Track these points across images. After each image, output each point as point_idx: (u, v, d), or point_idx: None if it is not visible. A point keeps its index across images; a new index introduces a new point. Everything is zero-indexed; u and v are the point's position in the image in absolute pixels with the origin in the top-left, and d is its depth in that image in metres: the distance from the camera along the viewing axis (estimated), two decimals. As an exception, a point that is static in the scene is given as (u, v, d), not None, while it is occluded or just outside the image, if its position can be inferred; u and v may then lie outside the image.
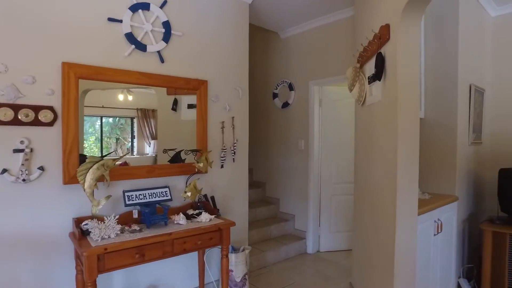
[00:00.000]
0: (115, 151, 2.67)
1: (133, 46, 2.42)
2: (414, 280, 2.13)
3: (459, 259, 3.05)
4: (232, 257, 2.81)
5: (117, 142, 2.68)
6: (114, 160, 2.14)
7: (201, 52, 2.85)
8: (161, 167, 2.60)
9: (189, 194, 2.51)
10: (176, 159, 2.71)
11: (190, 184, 2.56)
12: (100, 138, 2.54)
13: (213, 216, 2.47)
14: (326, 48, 3.93)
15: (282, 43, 4.49)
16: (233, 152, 3.09)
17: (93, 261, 1.80)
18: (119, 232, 2.04)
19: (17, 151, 1.95)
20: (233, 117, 3.09)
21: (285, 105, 4.40)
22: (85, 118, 2.33)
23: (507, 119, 3.45)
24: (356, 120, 3.06)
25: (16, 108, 1.94)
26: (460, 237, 3.04)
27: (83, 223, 2.04)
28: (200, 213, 2.49)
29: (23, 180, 1.96)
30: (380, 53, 2.21)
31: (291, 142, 4.36)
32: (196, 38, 2.82)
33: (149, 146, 2.79)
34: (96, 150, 2.52)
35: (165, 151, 2.70)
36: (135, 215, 2.35)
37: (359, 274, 2.87)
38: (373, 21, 2.49)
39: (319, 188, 4.13)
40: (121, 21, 2.36)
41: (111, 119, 2.61)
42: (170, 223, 2.34)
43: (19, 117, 1.95)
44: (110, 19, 2.32)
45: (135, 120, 2.71)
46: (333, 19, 3.83)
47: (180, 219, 2.34)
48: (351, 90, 2.75)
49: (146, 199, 2.34)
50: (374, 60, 2.28)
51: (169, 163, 2.67)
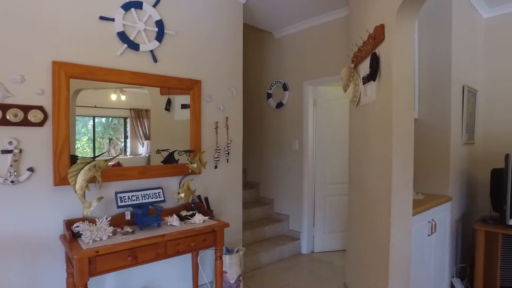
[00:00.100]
0: (108, 151, 2.63)
1: (125, 45, 2.38)
2: (408, 280, 2.13)
3: (452, 259, 3.06)
4: (226, 258, 2.79)
5: (110, 142, 2.65)
6: (106, 161, 2.11)
7: (194, 51, 2.82)
8: (154, 168, 2.57)
9: (182, 195, 2.49)
10: (170, 159, 2.69)
11: (183, 185, 2.54)
12: (92, 138, 2.51)
13: (206, 217, 2.45)
14: (320, 48, 3.93)
15: (276, 43, 4.48)
16: (227, 152, 3.07)
17: (84, 264, 1.77)
18: (111, 234, 2.01)
19: (5, 151, 1.91)
20: (227, 117, 3.07)
21: (279, 105, 4.39)
22: (77, 118, 2.29)
23: (499, 120, 3.48)
24: (351, 121, 3.06)
25: (4, 107, 1.90)
26: (453, 237, 3.05)
27: (74, 225, 2.00)
28: (193, 215, 2.47)
29: (12, 182, 1.92)
30: (375, 53, 2.21)
31: (285, 142, 4.35)
32: (190, 38, 2.79)
33: (143, 147, 2.76)
34: (89, 150, 2.48)
35: (158, 151, 2.67)
36: (128, 217, 2.32)
37: (353, 274, 2.87)
38: (368, 21, 2.48)
39: (313, 189, 4.13)
40: (113, 19, 2.33)
41: (104, 119, 2.58)
42: (163, 224, 2.32)
43: (7, 117, 1.91)
44: (102, 18, 2.28)
45: (128, 120, 2.68)
46: (327, 19, 3.83)
47: (174, 220, 2.32)
48: (345, 91, 2.74)
49: (139, 200, 2.31)
50: (369, 61, 2.27)
51: (162, 163, 2.64)
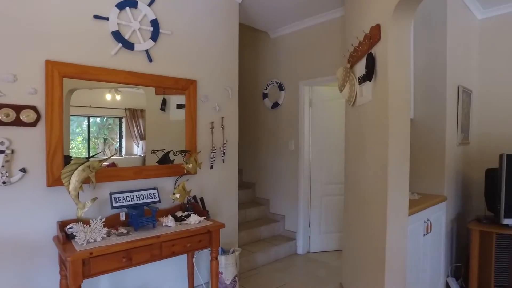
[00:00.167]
0: (103, 151, 2.60)
1: (120, 45, 2.36)
2: (404, 280, 2.13)
3: (447, 258, 3.07)
4: (222, 259, 2.77)
5: (105, 142, 2.62)
6: (101, 161, 2.09)
7: (190, 51, 2.81)
8: (149, 168, 2.54)
9: (177, 195, 2.47)
10: (165, 160, 2.67)
11: (179, 185, 2.52)
12: (87, 138, 2.48)
13: (202, 218, 2.44)
14: (316, 48, 3.92)
15: (272, 43, 4.48)
16: (222, 152, 3.05)
17: (77, 266, 1.74)
18: (105, 236, 1.99)
19: (-3, 152, 1.88)
20: (222, 118, 3.06)
21: (275, 105, 4.38)
22: (71, 118, 2.27)
23: (493, 120, 3.50)
24: (347, 121, 3.06)
25: (-4, 107, 1.87)
26: (448, 236, 3.07)
27: (68, 226, 1.97)
28: (189, 215, 2.45)
29: (3, 183, 1.89)
30: (371, 53, 2.21)
31: (281, 142, 4.34)
32: (185, 37, 2.77)
33: (138, 147, 2.74)
34: (84, 150, 2.46)
35: (153, 152, 2.65)
36: (123, 218, 2.30)
37: (349, 274, 2.87)
38: (364, 21, 2.48)
39: (309, 189, 4.12)
40: (107, 18, 2.30)
41: (98, 119, 2.55)
42: (159, 225, 2.30)
43: (-1, 117, 1.88)
44: (96, 17, 2.25)
45: (123, 120, 2.65)
46: (323, 19, 3.83)
47: (169, 221, 2.30)
48: (341, 91, 2.74)
49: (134, 201, 2.29)
50: (365, 61, 2.27)
51: (157, 164, 2.62)
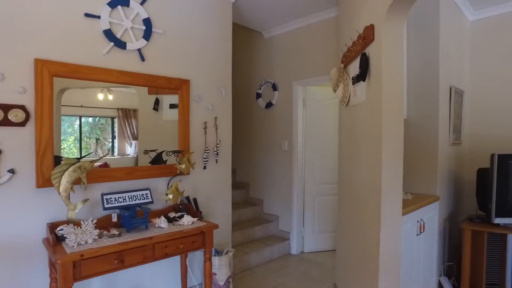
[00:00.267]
0: (95, 151, 2.57)
1: (112, 44, 2.33)
2: (398, 280, 2.13)
3: (440, 258, 3.09)
4: (216, 260, 2.75)
5: (97, 142, 2.58)
6: (92, 162, 2.05)
7: (183, 51, 2.78)
8: (141, 168, 2.51)
9: (170, 196, 2.45)
10: (158, 160, 2.64)
11: (171, 186, 2.49)
12: (79, 138, 2.44)
13: (195, 219, 2.42)
14: (310, 48, 3.92)
15: (265, 42, 4.46)
16: (216, 153, 3.03)
17: (68, 268, 1.71)
18: (97, 237, 1.96)
19: (-15, 152, 1.84)
20: (216, 118, 3.04)
21: (269, 105, 4.37)
22: (63, 117, 2.23)
23: (484, 120, 3.54)
24: (340, 121, 3.06)
25: (-17, 107, 1.83)
26: (441, 236, 3.09)
27: (58, 228, 1.94)
28: (182, 216, 2.43)
29: (-8, 184, 1.85)
30: (365, 53, 2.21)
31: (274, 142, 4.33)
32: (178, 37, 2.75)
33: (130, 147, 2.70)
34: (75, 150, 2.42)
35: (145, 152, 2.62)
36: (114, 219, 2.27)
37: (343, 274, 2.87)
38: (357, 21, 2.49)
39: (303, 189, 4.12)
40: (99, 17, 2.27)
41: (90, 119, 2.51)
42: (151, 226, 2.27)
43: (-13, 117, 1.84)
44: (87, 15, 2.22)
45: (115, 120, 2.62)
46: (317, 20, 3.83)
47: (162, 222, 2.27)
48: (335, 91, 2.74)
49: (126, 202, 2.26)
50: (359, 61, 2.27)
51: (150, 164, 2.59)
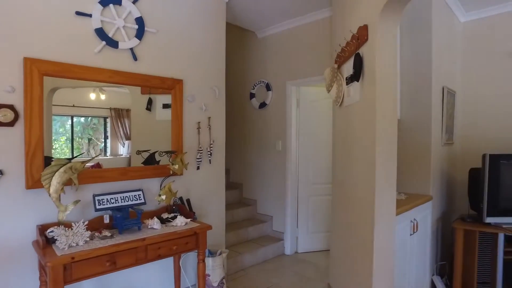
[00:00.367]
0: (87, 152, 2.53)
1: (104, 43, 2.30)
2: (392, 280, 2.14)
3: (433, 257, 3.11)
4: (209, 261, 2.73)
5: (89, 142, 2.55)
6: (83, 162, 2.02)
7: (176, 50, 2.76)
8: (134, 169, 2.48)
9: (163, 197, 2.42)
10: (151, 160, 2.61)
11: (164, 186, 2.47)
12: (71, 138, 2.41)
13: (189, 220, 2.39)
14: (303, 48, 3.92)
15: (259, 42, 4.45)
16: (209, 153, 3.01)
17: (58, 271, 1.67)
18: (88, 239, 1.92)
19: (-27, 153, 1.80)
20: (209, 118, 3.02)
21: (262, 105, 4.37)
22: (54, 117, 2.20)
23: (476, 121, 3.57)
24: (334, 121, 3.06)
25: (-29, 106, 1.79)
26: (434, 235, 3.11)
27: (48, 230, 1.90)
28: (175, 217, 2.40)
29: (-20, 185, 1.81)
30: (358, 53, 2.21)
31: (268, 142, 4.32)
32: (171, 36, 2.72)
33: (123, 147, 2.67)
34: (67, 150, 2.38)
35: (138, 152, 2.59)
36: (106, 220, 2.24)
37: (337, 274, 2.87)
38: (351, 21, 2.49)
39: (296, 189, 4.12)
40: (90, 15, 2.24)
41: (83, 119, 2.48)
42: (144, 228, 2.24)
43: (-25, 117, 1.80)
44: (78, 13, 2.18)
45: (108, 120, 2.59)
46: (310, 20, 3.83)
47: (154, 223, 2.25)
48: (329, 91, 2.74)
49: (118, 203, 2.23)
50: (352, 61, 2.27)
51: (143, 165, 2.57)
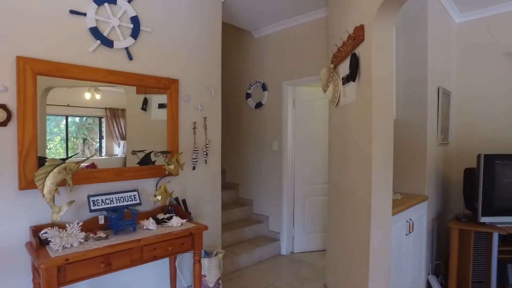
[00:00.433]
0: (82, 152, 2.51)
1: (98, 42, 2.27)
2: (388, 280, 2.14)
3: (428, 257, 3.13)
4: (205, 262, 2.72)
5: (84, 142, 2.52)
6: (78, 163, 2.00)
7: (172, 50, 2.74)
8: (129, 169, 2.46)
9: (159, 197, 2.40)
10: (146, 161, 2.59)
11: (160, 187, 2.45)
12: (65, 138, 2.38)
13: (184, 220, 2.38)
14: (300, 48, 3.92)
15: (255, 42, 4.45)
16: (205, 153, 3.00)
17: (52, 273, 1.65)
18: (82, 240, 1.90)
19: (-35, 153, 1.77)
20: (205, 118, 3.00)
21: (259, 105, 4.36)
22: (49, 117, 2.17)
23: (471, 121, 3.59)
24: (330, 121, 3.06)
25: (-37, 106, 1.76)
26: (429, 235, 3.12)
27: (42, 231, 1.88)
28: (171, 217, 2.39)
29: (-28, 186, 1.78)
30: (355, 53, 2.21)
31: (264, 142, 4.32)
32: (167, 35, 2.70)
33: (119, 147, 2.65)
34: (62, 151, 2.36)
35: (133, 152, 2.57)
36: (101, 221, 2.22)
37: (333, 274, 2.87)
38: (347, 21, 2.49)
39: (292, 189, 4.12)
40: (85, 14, 2.21)
41: (77, 119, 2.45)
42: (139, 228, 2.23)
43: (-33, 116, 1.77)
44: (72, 12, 2.16)
45: (103, 120, 2.56)
46: (307, 20, 3.83)
47: (150, 224, 2.23)
48: (325, 91, 2.74)
49: (113, 203, 2.21)
50: (348, 61, 2.27)
51: (138, 165, 2.55)
